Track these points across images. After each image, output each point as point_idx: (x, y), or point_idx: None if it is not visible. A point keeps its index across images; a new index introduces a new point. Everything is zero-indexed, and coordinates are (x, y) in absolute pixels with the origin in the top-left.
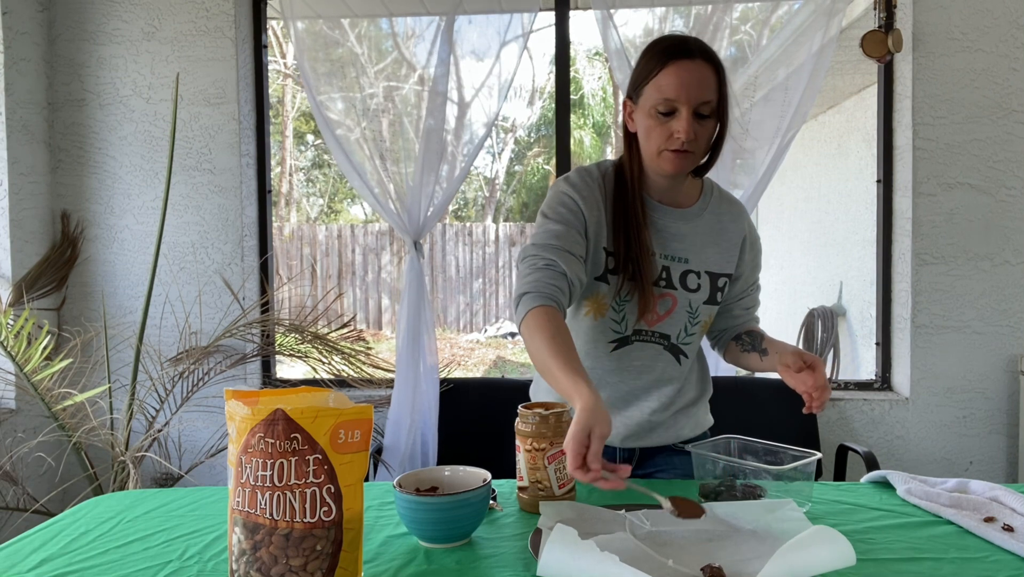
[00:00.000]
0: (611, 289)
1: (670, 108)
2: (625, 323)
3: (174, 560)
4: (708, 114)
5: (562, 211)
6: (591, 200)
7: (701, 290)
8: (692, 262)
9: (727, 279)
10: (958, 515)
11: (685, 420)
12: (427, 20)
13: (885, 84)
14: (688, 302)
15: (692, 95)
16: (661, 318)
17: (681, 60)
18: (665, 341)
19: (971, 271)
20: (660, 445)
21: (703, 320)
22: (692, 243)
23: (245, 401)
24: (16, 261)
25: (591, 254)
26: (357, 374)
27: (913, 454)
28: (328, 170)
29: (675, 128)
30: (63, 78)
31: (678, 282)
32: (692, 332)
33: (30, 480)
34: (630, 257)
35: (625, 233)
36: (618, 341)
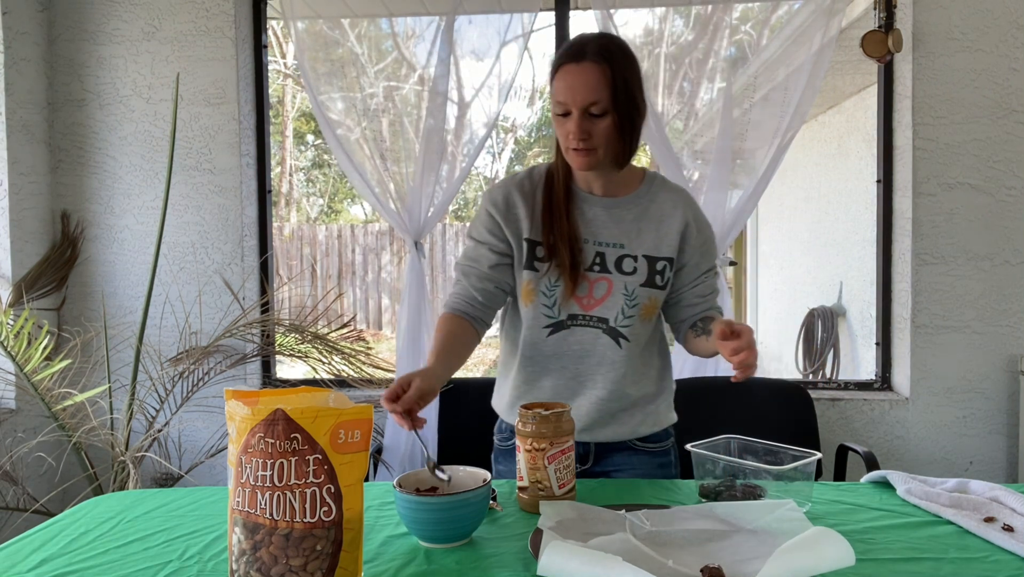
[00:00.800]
0: (537, 276)
1: (564, 110)
2: (557, 308)
3: (174, 560)
4: (600, 113)
5: (478, 226)
6: (510, 201)
7: (637, 273)
8: (628, 247)
9: (667, 263)
10: (958, 515)
11: (642, 415)
12: (427, 20)
13: (885, 84)
14: (624, 285)
15: (578, 97)
16: (598, 302)
17: (568, 65)
18: (603, 325)
19: (971, 271)
20: (616, 441)
21: (642, 303)
22: (627, 229)
23: (245, 401)
24: (16, 261)
25: (516, 248)
26: (357, 374)
27: (913, 454)
28: (328, 170)
29: (569, 128)
30: (63, 78)
31: (613, 266)
32: (630, 315)
33: (30, 480)
34: (552, 244)
35: (549, 223)
36: (553, 326)
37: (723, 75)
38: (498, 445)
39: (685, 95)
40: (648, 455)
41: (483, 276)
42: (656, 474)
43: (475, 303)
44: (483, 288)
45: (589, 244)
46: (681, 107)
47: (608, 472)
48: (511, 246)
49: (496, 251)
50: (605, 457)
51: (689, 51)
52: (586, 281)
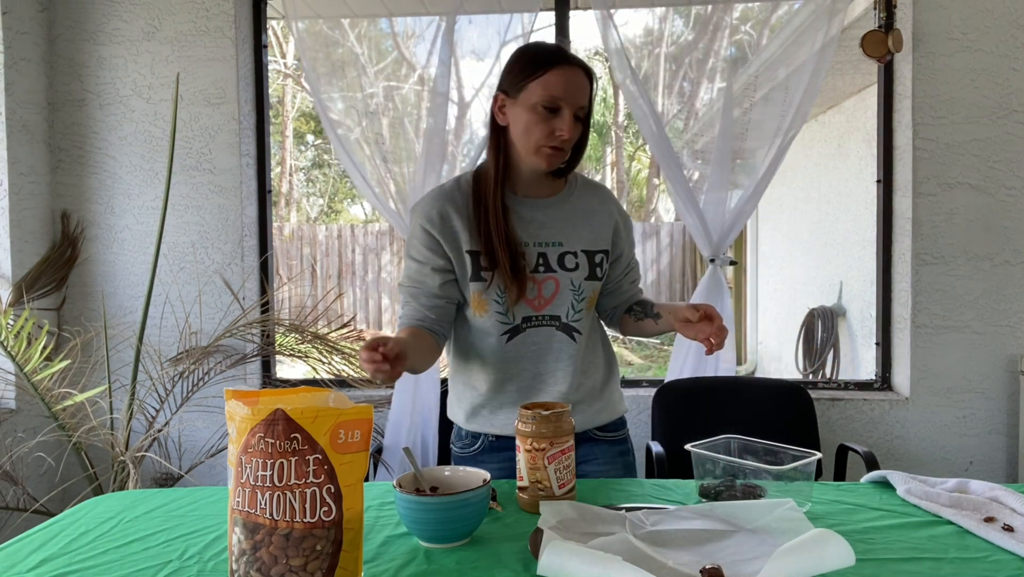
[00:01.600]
0: (485, 286)
1: (555, 105)
2: (511, 313)
3: (174, 560)
4: (581, 118)
5: (416, 245)
6: (444, 215)
7: (580, 268)
8: (567, 244)
9: (603, 255)
10: (958, 515)
11: (600, 403)
12: (427, 20)
13: (885, 84)
14: (570, 281)
15: (573, 98)
16: (548, 301)
17: (567, 65)
18: (556, 322)
19: (971, 271)
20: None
21: (588, 296)
22: (563, 227)
23: (245, 401)
24: (16, 261)
25: (457, 262)
26: (357, 374)
27: (913, 454)
28: (328, 170)
29: (557, 126)
30: (63, 78)
31: (556, 264)
32: (580, 308)
33: (30, 480)
34: (493, 252)
35: (487, 231)
36: (509, 332)
37: (723, 75)
38: (457, 453)
39: (685, 95)
40: (608, 444)
41: (431, 295)
42: (617, 462)
43: (428, 320)
44: (433, 305)
45: (530, 246)
46: (681, 107)
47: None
48: (451, 261)
49: (438, 269)
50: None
51: (689, 51)
52: (533, 282)
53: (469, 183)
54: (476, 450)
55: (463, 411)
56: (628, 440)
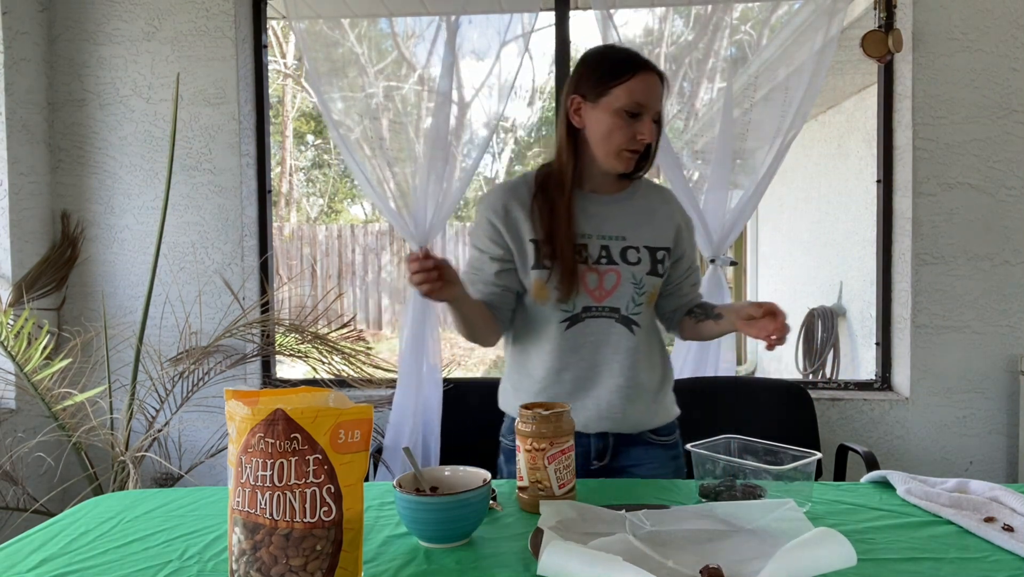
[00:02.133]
0: (547, 274)
1: (638, 111)
2: (572, 302)
3: (174, 560)
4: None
5: (478, 234)
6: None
7: (642, 263)
8: (629, 238)
9: (665, 252)
10: (958, 515)
11: (655, 405)
12: (427, 20)
13: (885, 84)
14: (632, 274)
15: (656, 104)
16: (609, 293)
17: (649, 71)
18: (616, 314)
19: (971, 271)
20: (633, 432)
21: (648, 291)
22: (626, 222)
23: (245, 401)
24: (16, 261)
25: (519, 252)
26: (357, 374)
27: (913, 454)
28: (328, 170)
29: (639, 130)
30: (63, 78)
31: (619, 257)
32: (640, 302)
33: (30, 480)
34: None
35: (551, 222)
36: (569, 320)
37: (723, 75)
38: (507, 445)
39: (685, 95)
40: (661, 448)
41: (488, 282)
42: (669, 466)
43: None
44: (490, 292)
45: (593, 239)
46: (681, 107)
47: (625, 467)
48: (512, 251)
49: (497, 258)
50: (622, 452)
51: (689, 51)
52: (596, 273)
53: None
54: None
55: (519, 400)
56: (679, 444)
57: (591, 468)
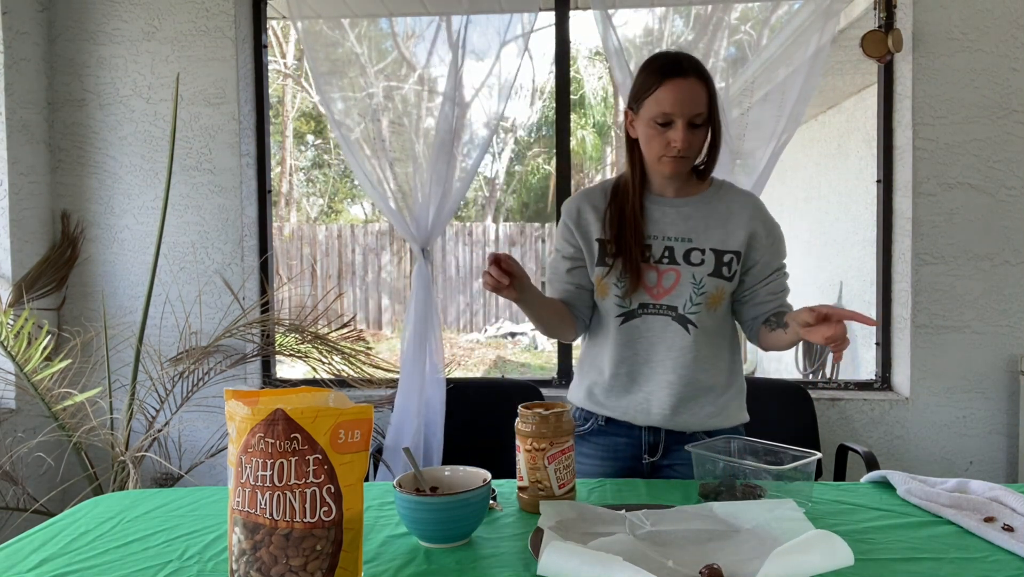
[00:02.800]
0: (605, 271)
1: (667, 120)
2: (628, 299)
3: (174, 560)
4: (700, 124)
5: (557, 238)
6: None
7: (705, 264)
8: (696, 241)
9: (734, 256)
10: (958, 515)
11: (712, 407)
12: (427, 20)
13: (885, 84)
14: (692, 275)
15: (686, 109)
16: (667, 291)
17: (676, 78)
18: (673, 312)
19: (971, 271)
20: (687, 431)
21: (709, 292)
22: (695, 224)
23: (245, 401)
24: (16, 261)
25: (587, 250)
26: (357, 374)
27: (913, 454)
28: (328, 170)
29: (672, 138)
30: (63, 78)
31: (681, 258)
32: (698, 302)
33: (30, 480)
34: (620, 241)
35: (619, 223)
36: (625, 315)
37: (723, 75)
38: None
39: None
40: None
41: (562, 280)
42: None
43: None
44: (564, 289)
45: (659, 240)
46: None
47: (675, 465)
48: (581, 250)
49: (568, 256)
50: (674, 449)
51: (689, 51)
52: (655, 272)
53: (612, 185)
54: (586, 430)
55: (580, 390)
56: None
57: (642, 463)
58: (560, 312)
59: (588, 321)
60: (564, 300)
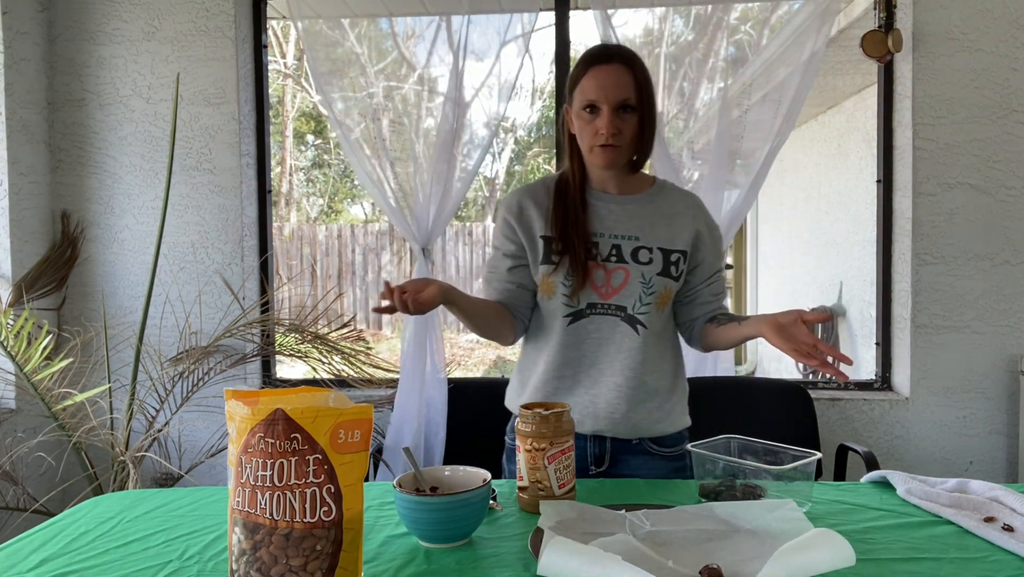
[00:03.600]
0: (551, 269)
1: (593, 106)
2: (576, 298)
3: (174, 560)
4: (629, 110)
5: (496, 234)
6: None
7: (653, 263)
8: (643, 239)
9: (680, 256)
10: (958, 515)
11: (659, 413)
12: (427, 20)
13: (885, 84)
14: (641, 274)
15: (611, 95)
16: (616, 291)
17: (599, 65)
18: (622, 312)
19: (971, 271)
20: (631, 438)
21: (658, 291)
22: (641, 223)
23: (245, 401)
24: (16, 261)
25: (530, 248)
26: (357, 374)
27: (913, 454)
28: (328, 170)
29: (599, 125)
30: (63, 78)
31: (629, 256)
32: (647, 302)
33: (30, 480)
34: (566, 238)
35: (563, 220)
36: (572, 315)
37: (723, 75)
38: (510, 444)
39: (685, 95)
40: (664, 459)
41: (503, 279)
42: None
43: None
44: (504, 289)
45: (605, 237)
46: (681, 107)
47: (624, 476)
48: (525, 248)
49: (510, 254)
50: (621, 460)
51: (689, 51)
52: (603, 270)
53: (555, 179)
54: None
55: (522, 398)
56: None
57: (589, 474)
58: (499, 313)
59: (527, 323)
60: (503, 300)
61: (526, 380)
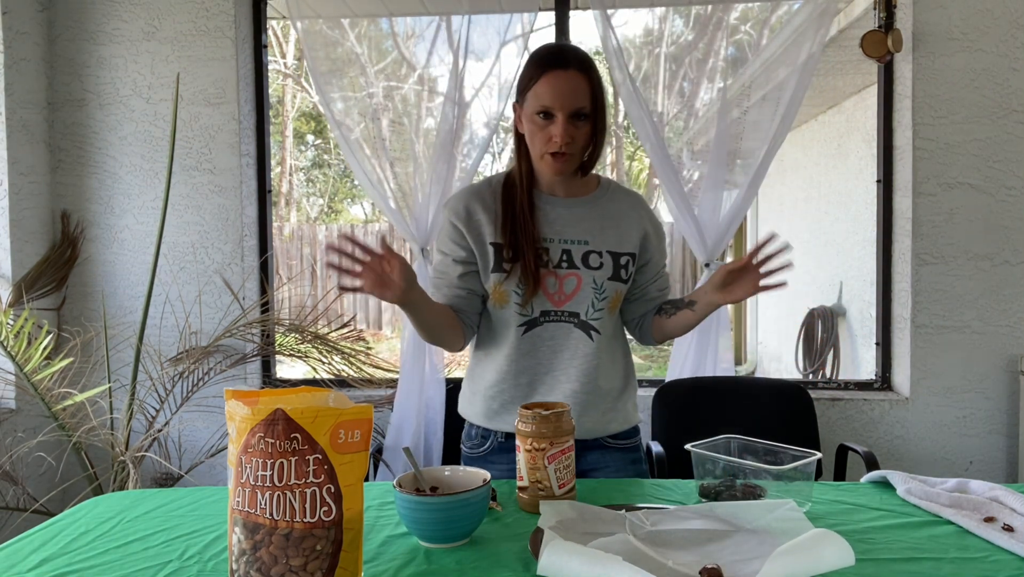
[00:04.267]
0: (505, 277)
1: (548, 113)
2: (530, 306)
3: (174, 560)
4: (583, 118)
5: (443, 238)
6: (470, 210)
7: (604, 268)
8: (592, 243)
9: (630, 258)
10: (958, 515)
11: (612, 413)
12: (427, 20)
13: (885, 84)
14: (592, 279)
15: (566, 103)
16: (568, 297)
17: (556, 70)
18: (575, 319)
19: (971, 271)
20: (589, 439)
21: (610, 296)
22: (590, 226)
23: (245, 401)
24: (16, 261)
25: (480, 254)
26: (357, 374)
27: (913, 454)
28: (328, 170)
29: (552, 132)
30: (63, 78)
31: (580, 262)
32: (600, 308)
33: (30, 480)
34: (516, 245)
35: (512, 225)
36: (527, 324)
37: (723, 75)
38: (467, 453)
39: (685, 95)
40: (620, 451)
41: (453, 285)
42: (629, 469)
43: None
44: (455, 296)
45: (555, 243)
46: (681, 107)
47: (585, 472)
48: (474, 253)
49: (460, 260)
50: (580, 456)
51: (689, 51)
52: (555, 277)
53: (500, 181)
54: (485, 450)
55: (475, 406)
56: (640, 447)
57: None
58: (449, 319)
59: (476, 328)
60: (453, 306)
61: (477, 388)
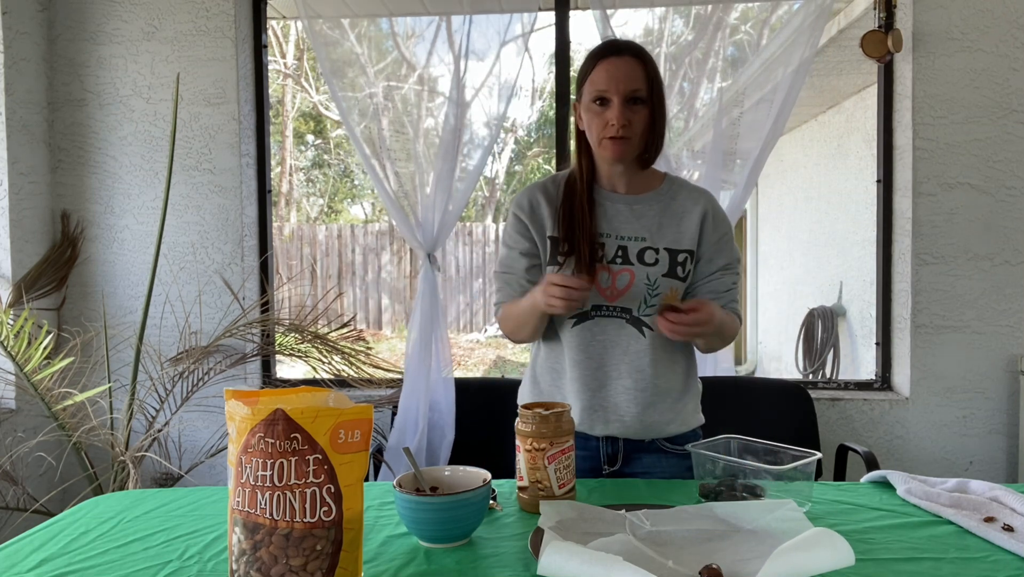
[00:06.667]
0: (559, 270)
1: (603, 98)
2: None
3: (174, 560)
4: (640, 102)
5: (509, 232)
6: (534, 203)
7: (659, 264)
8: (649, 240)
9: (687, 255)
10: (958, 515)
11: (671, 414)
12: (427, 20)
13: (885, 84)
14: (646, 275)
15: (621, 86)
16: (621, 293)
17: (609, 57)
18: (627, 315)
19: (971, 271)
20: (644, 439)
21: (663, 293)
22: (649, 224)
23: (245, 401)
24: (16, 261)
25: (541, 246)
26: (357, 374)
27: (913, 454)
28: (328, 170)
29: (609, 116)
30: (63, 78)
31: (635, 258)
32: (652, 304)
33: (30, 480)
34: (572, 239)
35: (569, 220)
36: (577, 317)
37: (723, 75)
38: None
39: (685, 95)
40: (677, 457)
41: (522, 277)
42: (685, 476)
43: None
44: (523, 289)
45: (611, 238)
46: (681, 107)
47: (637, 474)
48: (537, 245)
49: (526, 253)
50: (634, 458)
51: (689, 51)
52: (608, 272)
53: (564, 178)
54: None
55: (533, 397)
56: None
57: (602, 474)
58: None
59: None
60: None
61: (537, 380)
